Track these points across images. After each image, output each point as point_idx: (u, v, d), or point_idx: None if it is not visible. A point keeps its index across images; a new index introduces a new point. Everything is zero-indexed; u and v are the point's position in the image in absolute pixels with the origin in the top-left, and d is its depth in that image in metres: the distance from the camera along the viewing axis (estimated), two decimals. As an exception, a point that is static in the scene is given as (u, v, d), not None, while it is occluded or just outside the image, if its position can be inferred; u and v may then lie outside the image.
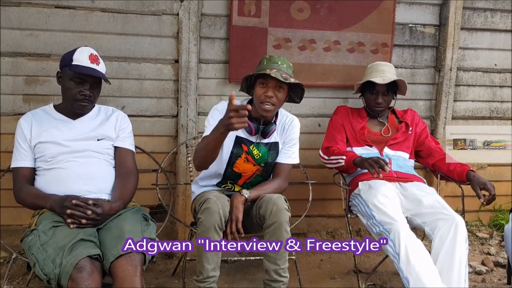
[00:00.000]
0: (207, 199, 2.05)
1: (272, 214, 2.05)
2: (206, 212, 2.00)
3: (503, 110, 3.41)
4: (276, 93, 2.16)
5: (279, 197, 2.11)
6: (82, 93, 2.06)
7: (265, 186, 2.25)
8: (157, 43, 2.81)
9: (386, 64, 2.73)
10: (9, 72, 2.67)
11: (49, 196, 1.95)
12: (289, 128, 2.35)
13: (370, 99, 2.65)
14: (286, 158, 2.34)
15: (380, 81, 2.57)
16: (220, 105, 2.27)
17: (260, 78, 2.17)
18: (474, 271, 2.81)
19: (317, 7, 2.94)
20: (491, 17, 3.26)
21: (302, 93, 2.31)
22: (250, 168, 2.30)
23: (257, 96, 2.19)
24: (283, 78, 2.11)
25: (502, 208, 3.46)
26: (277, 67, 2.16)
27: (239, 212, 2.09)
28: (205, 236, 2.00)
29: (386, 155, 2.61)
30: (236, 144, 2.26)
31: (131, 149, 2.25)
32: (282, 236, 2.05)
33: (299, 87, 2.27)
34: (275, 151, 2.32)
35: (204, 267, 2.03)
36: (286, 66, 2.21)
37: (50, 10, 2.67)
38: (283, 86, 2.17)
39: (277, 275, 2.09)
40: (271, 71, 2.11)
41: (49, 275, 1.69)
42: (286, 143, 2.35)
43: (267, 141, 2.31)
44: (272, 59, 2.21)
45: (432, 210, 2.30)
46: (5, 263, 2.66)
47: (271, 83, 2.14)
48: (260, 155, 2.28)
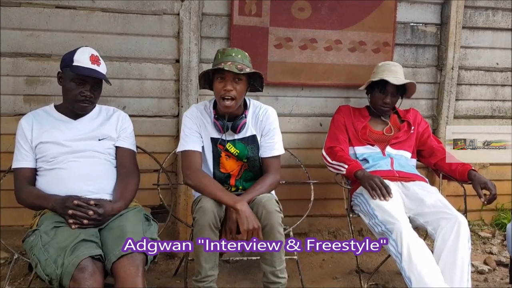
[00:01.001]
0: (201, 198, 2.06)
1: (263, 217, 2.04)
2: (200, 211, 2.00)
3: (505, 109, 3.40)
4: (234, 85, 2.12)
5: (270, 199, 2.10)
6: (83, 94, 2.06)
7: (258, 186, 2.19)
8: (158, 43, 2.81)
9: (397, 65, 2.72)
10: (10, 72, 2.67)
11: (51, 196, 1.95)
12: (263, 119, 2.29)
13: (379, 98, 2.64)
14: (270, 151, 2.28)
15: (394, 82, 2.56)
16: (189, 111, 2.28)
17: (217, 73, 2.14)
18: (477, 271, 2.81)
19: (318, 6, 2.93)
20: (493, 16, 3.25)
21: (262, 80, 2.26)
22: (235, 164, 2.29)
23: (217, 91, 2.15)
24: (238, 70, 2.07)
25: (504, 207, 3.46)
26: (231, 59, 2.13)
27: (232, 223, 2.09)
28: (200, 235, 2.00)
29: (388, 154, 2.61)
30: (213, 145, 2.25)
31: (133, 149, 2.25)
32: (275, 238, 2.04)
33: (258, 76, 2.22)
34: (254, 145, 2.29)
35: (202, 266, 2.03)
36: (241, 56, 2.17)
37: (51, 10, 2.67)
38: (241, 77, 2.13)
39: (274, 276, 2.09)
40: (225, 64, 2.08)
41: (51, 276, 1.69)
42: (264, 135, 2.29)
43: (242, 136, 2.27)
44: (226, 51, 2.18)
45: (435, 210, 2.29)
46: (6, 263, 2.66)
47: (228, 76, 2.11)
48: (238, 151, 2.26)
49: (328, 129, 2.77)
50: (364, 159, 2.62)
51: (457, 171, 2.54)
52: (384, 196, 2.31)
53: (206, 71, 2.19)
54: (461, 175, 2.52)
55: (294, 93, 3.04)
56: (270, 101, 2.97)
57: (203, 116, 2.28)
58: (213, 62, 2.22)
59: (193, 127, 2.25)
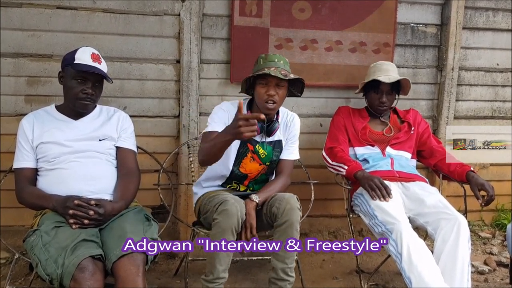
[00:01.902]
0: (224, 200, 2.02)
1: (284, 212, 2.04)
2: (224, 214, 1.98)
3: (505, 110, 3.40)
4: (277, 90, 2.16)
5: (292, 196, 2.11)
6: (85, 92, 2.06)
7: (271, 186, 2.25)
8: (158, 44, 2.82)
9: (389, 63, 2.73)
10: (11, 73, 2.68)
11: (51, 196, 1.95)
12: (291, 125, 2.36)
13: (374, 98, 2.65)
14: (288, 154, 2.35)
15: (386, 80, 2.57)
16: (224, 105, 2.27)
17: (260, 78, 2.16)
18: (477, 271, 2.81)
19: (319, 7, 2.94)
20: (493, 17, 3.26)
21: (303, 87, 2.31)
22: (256, 167, 2.30)
23: (259, 96, 2.18)
24: (283, 75, 2.11)
25: (505, 208, 3.46)
26: (274, 64, 2.16)
27: (253, 219, 2.09)
28: (220, 237, 1.98)
29: (388, 155, 2.61)
30: (242, 143, 2.25)
31: (133, 149, 2.25)
32: (293, 235, 2.05)
33: (299, 81, 2.27)
34: (279, 149, 2.33)
35: (216, 267, 2.02)
36: (283, 62, 2.21)
37: (52, 11, 2.67)
38: (283, 83, 2.17)
39: (285, 274, 2.09)
40: (269, 70, 2.11)
41: (51, 275, 1.69)
42: (288, 139, 2.36)
43: (271, 139, 2.31)
44: (268, 57, 2.21)
45: (435, 210, 2.29)
46: (7, 263, 2.66)
47: (272, 81, 2.14)
48: (265, 154, 2.29)
49: (328, 129, 2.77)
50: (364, 160, 2.62)
51: (455, 172, 2.55)
52: (384, 196, 2.32)
53: (250, 76, 2.20)
54: (460, 176, 2.53)
55: (295, 93, 3.04)
56: (271, 101, 2.97)
57: None
58: (254, 67, 2.24)
59: (224, 119, 2.20)
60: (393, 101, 2.69)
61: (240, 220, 2.01)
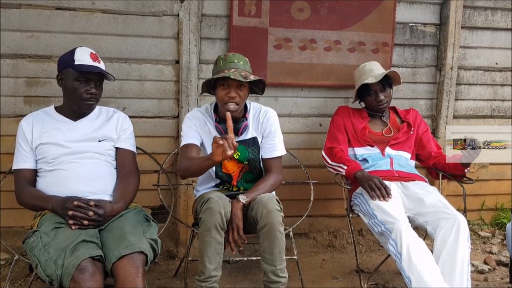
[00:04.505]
0: (209, 198, 2.05)
1: (263, 215, 2.04)
2: (207, 212, 2.00)
3: (504, 109, 3.40)
4: (238, 92, 2.14)
5: (270, 198, 2.10)
6: (89, 92, 2.06)
7: (260, 185, 2.23)
8: (157, 44, 2.82)
9: (370, 63, 2.72)
10: (10, 74, 2.68)
11: (51, 197, 1.95)
12: (263, 121, 2.31)
13: (371, 100, 2.65)
14: (271, 152, 2.31)
15: (373, 80, 2.57)
16: (190, 113, 2.32)
17: (221, 80, 2.14)
18: (476, 270, 2.81)
19: (318, 7, 2.94)
20: (492, 16, 3.26)
21: (264, 86, 2.28)
22: (235, 166, 2.30)
23: (219, 98, 2.17)
24: (243, 77, 2.09)
25: (504, 207, 3.46)
26: (234, 66, 2.14)
27: (239, 220, 2.09)
28: (207, 236, 2.00)
29: (387, 155, 2.61)
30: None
31: (133, 150, 2.25)
32: (275, 237, 2.04)
33: (260, 81, 2.24)
34: (255, 147, 2.30)
35: (206, 266, 2.03)
36: (243, 62, 2.18)
37: (51, 12, 2.67)
38: (244, 84, 2.15)
39: (275, 276, 2.08)
40: (229, 72, 2.09)
41: (51, 276, 1.69)
42: (265, 136, 2.32)
43: (243, 138, 2.29)
44: (228, 58, 2.18)
45: (434, 209, 2.29)
46: (7, 264, 2.66)
47: (232, 84, 2.12)
48: (239, 154, 2.27)
49: (327, 129, 2.77)
50: (364, 159, 2.62)
51: (450, 164, 2.53)
52: (383, 196, 2.32)
53: (210, 79, 2.19)
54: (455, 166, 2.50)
55: (294, 93, 3.04)
56: (270, 101, 2.97)
57: (205, 118, 2.31)
58: (213, 69, 2.23)
59: (193, 127, 2.28)
60: (390, 96, 2.69)
61: (224, 217, 2.01)
